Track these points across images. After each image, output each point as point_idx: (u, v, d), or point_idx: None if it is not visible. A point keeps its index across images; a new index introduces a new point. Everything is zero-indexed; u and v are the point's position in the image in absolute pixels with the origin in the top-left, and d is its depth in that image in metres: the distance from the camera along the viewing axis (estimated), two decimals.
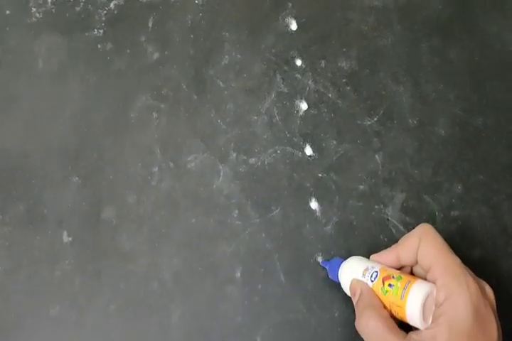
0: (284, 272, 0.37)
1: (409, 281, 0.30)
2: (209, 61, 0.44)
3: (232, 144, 0.42)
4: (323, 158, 0.41)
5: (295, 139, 0.42)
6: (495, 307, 0.29)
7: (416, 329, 0.30)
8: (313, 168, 0.41)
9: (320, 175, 0.40)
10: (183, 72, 0.44)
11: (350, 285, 0.33)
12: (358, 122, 0.42)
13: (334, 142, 0.41)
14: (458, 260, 0.30)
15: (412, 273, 0.33)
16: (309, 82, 0.44)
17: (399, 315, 0.30)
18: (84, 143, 0.43)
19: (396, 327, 0.30)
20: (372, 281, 0.32)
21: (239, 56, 0.45)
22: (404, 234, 0.38)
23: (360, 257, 0.35)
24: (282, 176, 0.41)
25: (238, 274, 0.38)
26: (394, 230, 0.38)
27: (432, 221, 0.38)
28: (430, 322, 0.29)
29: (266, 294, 0.37)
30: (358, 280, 0.33)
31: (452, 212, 0.38)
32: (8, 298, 0.38)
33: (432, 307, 0.29)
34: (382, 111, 0.42)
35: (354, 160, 0.40)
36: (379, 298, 0.31)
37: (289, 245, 0.38)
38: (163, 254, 0.39)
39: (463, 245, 0.37)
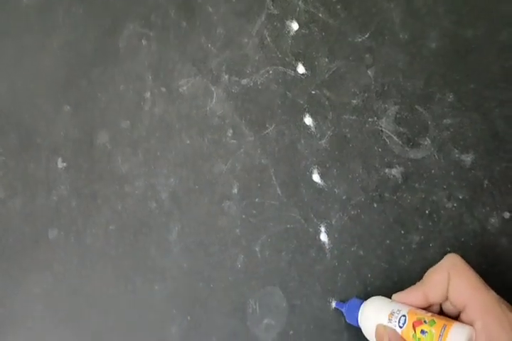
0: (280, 185, 0.38)
1: (445, 325, 0.27)
2: None
3: (224, 67, 0.42)
4: (315, 75, 0.40)
5: (287, 59, 0.41)
6: None
7: None
8: (306, 86, 0.40)
9: (313, 92, 0.40)
10: None
11: (376, 331, 0.30)
12: (350, 39, 0.41)
13: (326, 60, 0.41)
14: (495, 296, 0.27)
15: (441, 311, 0.30)
16: (299, 3, 0.43)
17: None
18: (74, 74, 0.43)
19: None
20: (400, 327, 0.28)
21: None
22: (398, 144, 0.38)
23: (381, 297, 0.31)
24: (275, 95, 0.40)
25: (235, 190, 0.38)
26: (388, 141, 0.38)
27: (424, 130, 0.38)
28: None
29: (263, 207, 0.37)
30: (385, 326, 0.29)
31: (444, 120, 0.38)
32: (8, 224, 0.39)
33: None
34: (373, 28, 0.41)
35: (347, 76, 0.40)
36: None
37: (285, 160, 0.38)
38: (159, 175, 0.39)
39: (455, 150, 0.37)
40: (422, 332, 0.27)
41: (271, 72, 0.41)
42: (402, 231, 0.36)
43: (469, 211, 0.35)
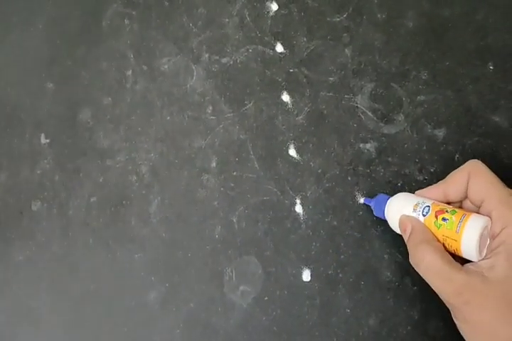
0: (257, 159, 0.39)
1: (465, 214, 0.29)
2: None
3: (205, 46, 0.43)
4: (293, 54, 0.41)
5: (266, 38, 0.42)
6: None
7: (469, 262, 0.29)
8: (285, 64, 0.41)
9: (291, 70, 0.41)
10: None
11: (400, 221, 0.32)
12: (328, 19, 0.42)
13: (304, 39, 0.42)
14: (511, 191, 0.29)
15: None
16: None
17: (452, 248, 0.29)
18: (58, 52, 0.44)
19: (452, 259, 0.29)
20: (424, 216, 0.30)
21: None
22: (372, 119, 0.39)
23: (407, 193, 0.33)
24: (254, 73, 0.41)
25: (214, 164, 0.39)
26: (363, 116, 0.39)
27: (399, 106, 0.39)
28: (484, 255, 0.28)
29: (241, 180, 0.38)
30: (408, 216, 0.31)
31: (419, 97, 0.39)
32: None
33: (487, 241, 0.29)
34: (351, 8, 0.42)
35: (324, 55, 0.41)
36: (432, 232, 0.30)
37: (262, 135, 0.39)
38: (140, 150, 0.40)
39: (428, 126, 0.38)
40: (444, 219, 0.29)
41: (250, 51, 0.42)
42: None
43: None
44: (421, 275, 0.30)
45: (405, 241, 0.31)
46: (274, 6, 0.43)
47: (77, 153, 0.40)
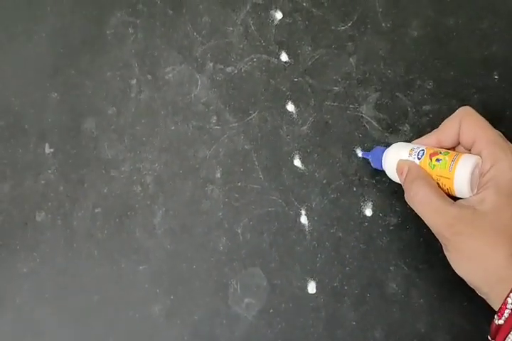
0: (262, 170, 0.38)
1: (457, 154, 0.31)
2: None
3: (209, 55, 0.42)
4: (298, 63, 0.41)
5: (271, 47, 0.42)
6: None
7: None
8: (289, 74, 0.41)
9: (296, 79, 0.41)
10: None
11: (397, 166, 0.33)
12: (332, 28, 0.42)
13: (309, 48, 0.42)
14: (500, 133, 0.31)
15: None
16: None
17: (446, 187, 0.31)
18: (62, 61, 0.44)
19: (445, 195, 0.31)
20: (419, 159, 0.32)
21: None
22: (377, 129, 0.39)
23: (402, 142, 0.35)
24: (259, 82, 0.41)
25: (218, 175, 0.39)
26: (368, 126, 0.39)
27: (404, 116, 0.39)
28: (475, 192, 0.30)
29: (245, 191, 0.38)
30: (405, 160, 0.33)
31: (424, 107, 0.39)
32: None
33: (478, 179, 0.30)
34: (356, 17, 0.42)
35: (329, 64, 0.41)
36: (427, 172, 0.32)
37: (267, 145, 0.39)
38: (144, 160, 0.40)
39: None
40: (437, 160, 0.31)
41: (255, 59, 0.42)
42: (380, 214, 0.37)
43: None
44: (415, 209, 0.31)
45: (402, 182, 0.33)
46: (279, 15, 0.43)
47: (81, 164, 0.40)
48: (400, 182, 0.34)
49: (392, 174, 0.34)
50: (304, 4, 0.43)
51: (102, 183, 0.39)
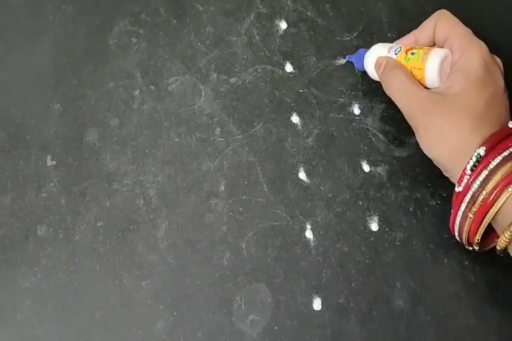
0: (266, 183, 0.38)
1: (430, 48, 0.34)
2: None
3: (213, 65, 0.42)
4: (303, 74, 0.41)
5: (275, 58, 0.42)
6: (502, 71, 0.33)
7: None
8: (294, 85, 0.41)
9: (301, 90, 0.40)
10: None
11: (376, 62, 0.36)
12: (338, 38, 0.41)
13: (314, 58, 0.41)
14: (470, 30, 0.34)
15: None
16: (288, 2, 0.43)
17: (418, 78, 0.34)
18: (64, 72, 0.43)
19: (418, 82, 0.34)
20: (396, 54, 0.35)
21: None
22: (383, 142, 0.39)
23: (383, 43, 0.38)
24: (263, 93, 0.41)
25: (222, 188, 0.38)
26: (374, 139, 0.38)
27: (410, 128, 0.38)
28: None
29: (250, 204, 0.37)
30: (384, 56, 0.36)
31: None
32: None
33: (448, 70, 0.33)
34: (361, 27, 0.42)
35: (334, 75, 0.40)
36: (402, 64, 0.35)
37: (272, 158, 0.39)
38: (147, 173, 0.39)
39: None
40: (412, 54, 0.34)
41: (259, 70, 0.41)
42: (387, 229, 0.36)
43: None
44: (391, 97, 0.35)
45: (379, 76, 0.36)
46: (283, 25, 0.43)
47: (83, 176, 0.39)
48: (379, 80, 0.37)
49: (372, 72, 0.37)
50: (309, 14, 0.43)
51: (104, 196, 0.39)
